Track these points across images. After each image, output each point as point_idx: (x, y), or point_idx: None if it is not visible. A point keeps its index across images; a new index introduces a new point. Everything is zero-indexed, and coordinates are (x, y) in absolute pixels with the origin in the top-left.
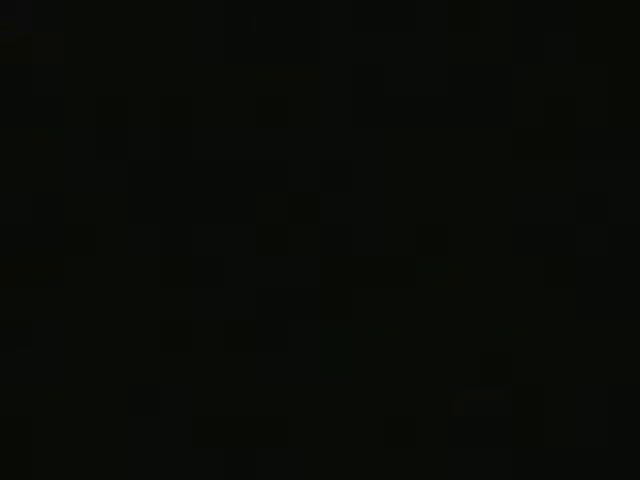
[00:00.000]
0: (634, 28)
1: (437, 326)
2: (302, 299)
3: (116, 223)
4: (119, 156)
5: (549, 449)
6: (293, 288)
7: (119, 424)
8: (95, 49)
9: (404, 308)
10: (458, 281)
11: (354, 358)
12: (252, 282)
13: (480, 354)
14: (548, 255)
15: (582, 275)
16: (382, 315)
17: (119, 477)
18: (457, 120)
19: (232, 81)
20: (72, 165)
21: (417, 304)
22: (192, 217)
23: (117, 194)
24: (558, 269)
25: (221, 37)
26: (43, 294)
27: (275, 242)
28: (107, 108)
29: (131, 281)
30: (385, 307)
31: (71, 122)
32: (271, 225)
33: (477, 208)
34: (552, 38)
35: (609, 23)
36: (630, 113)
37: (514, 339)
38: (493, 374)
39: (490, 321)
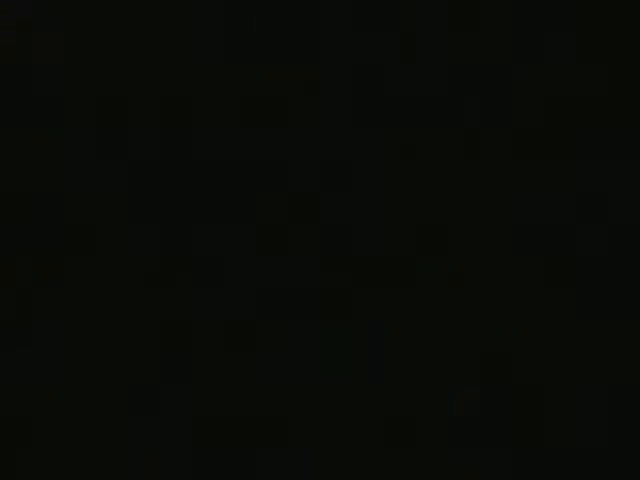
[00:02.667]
0: (634, 28)
1: (437, 326)
2: (302, 299)
3: (116, 223)
4: (119, 156)
5: (549, 449)
6: (293, 288)
7: (119, 424)
8: (95, 49)
9: (404, 308)
10: (458, 281)
11: (354, 358)
12: (252, 282)
13: (480, 354)
14: (548, 255)
15: (582, 275)
16: (382, 315)
17: (119, 477)
18: (457, 120)
19: (232, 81)
20: (72, 165)
21: (417, 304)
22: (192, 217)
23: (117, 194)
24: (558, 269)
25: (221, 37)
26: (43, 294)
27: (275, 242)
28: (107, 108)
29: (131, 281)
30: (385, 307)
31: (71, 122)
32: (271, 225)
33: (477, 208)
34: (552, 38)
35: (609, 23)
36: (630, 113)
37: (514, 339)
38: (493, 374)
39: (490, 321)
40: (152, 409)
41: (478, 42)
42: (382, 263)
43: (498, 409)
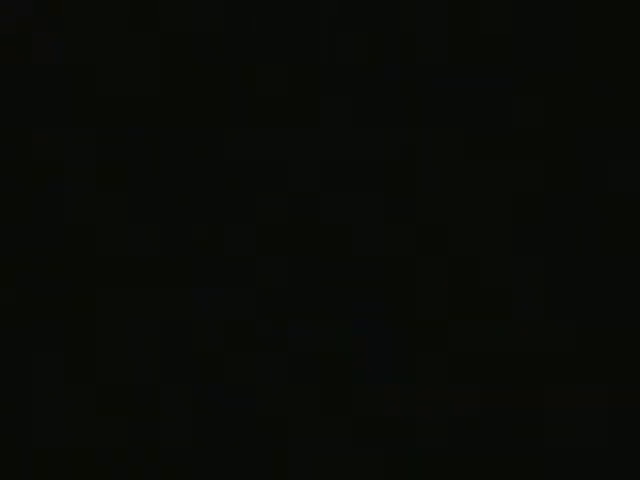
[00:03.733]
0: (634, 28)
1: (437, 326)
2: (302, 299)
3: (116, 223)
4: (119, 156)
5: (549, 449)
6: (293, 288)
7: (119, 423)
8: (95, 49)
9: (404, 308)
10: (458, 281)
11: (353, 358)
12: (252, 282)
13: (480, 354)
14: (547, 254)
15: (582, 275)
16: (382, 315)
17: (119, 477)
18: (457, 120)
19: (232, 81)
20: (72, 165)
21: (417, 304)
22: (192, 217)
23: (117, 194)
24: (557, 269)
25: (221, 37)
26: (43, 294)
27: (275, 242)
28: (107, 108)
29: (131, 281)
30: (385, 307)
31: (71, 122)
32: (271, 225)
33: (477, 208)
34: (552, 38)
35: (609, 23)
36: (630, 113)
37: (514, 339)
38: (493, 374)
39: (490, 321)
40: (152, 409)
41: (478, 42)
42: (382, 263)
43: (498, 409)
